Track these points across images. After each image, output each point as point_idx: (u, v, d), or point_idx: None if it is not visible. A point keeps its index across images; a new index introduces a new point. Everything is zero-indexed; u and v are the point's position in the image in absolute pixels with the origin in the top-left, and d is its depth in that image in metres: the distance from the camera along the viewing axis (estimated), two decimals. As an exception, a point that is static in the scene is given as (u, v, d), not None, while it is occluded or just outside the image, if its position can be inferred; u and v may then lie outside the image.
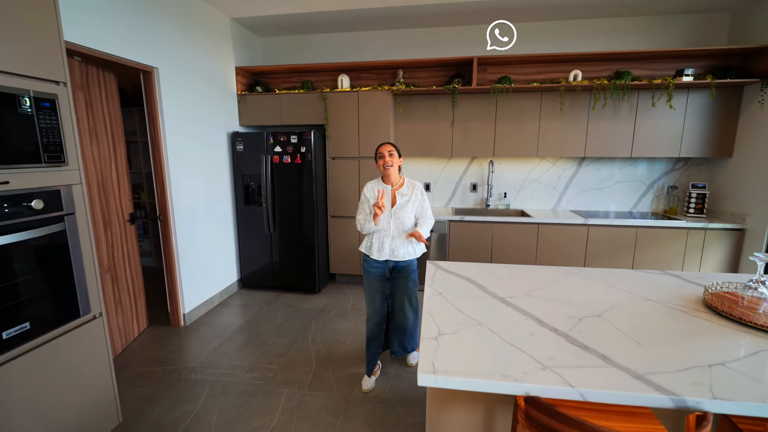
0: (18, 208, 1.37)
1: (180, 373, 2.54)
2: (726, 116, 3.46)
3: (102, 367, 1.76)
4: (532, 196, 4.14)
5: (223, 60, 3.64)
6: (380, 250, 2.19)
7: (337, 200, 3.93)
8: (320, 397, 2.28)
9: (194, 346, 2.87)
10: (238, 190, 3.82)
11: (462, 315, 1.49)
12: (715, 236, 3.38)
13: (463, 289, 1.77)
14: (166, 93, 2.90)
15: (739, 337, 1.33)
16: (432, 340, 1.29)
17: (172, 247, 3.05)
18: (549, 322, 1.44)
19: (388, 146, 2.19)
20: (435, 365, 1.14)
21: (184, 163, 3.13)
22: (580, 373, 1.11)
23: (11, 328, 1.36)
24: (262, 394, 2.31)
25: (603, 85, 3.39)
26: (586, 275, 1.97)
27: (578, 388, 1.04)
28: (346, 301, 3.70)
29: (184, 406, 2.21)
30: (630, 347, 1.26)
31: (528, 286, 1.80)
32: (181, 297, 3.16)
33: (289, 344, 2.89)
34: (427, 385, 1.09)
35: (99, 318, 1.73)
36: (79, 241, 1.59)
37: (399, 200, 2.19)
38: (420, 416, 2.11)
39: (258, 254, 3.91)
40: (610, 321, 1.45)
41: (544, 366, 1.14)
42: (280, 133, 3.61)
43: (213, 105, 3.50)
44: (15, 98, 1.33)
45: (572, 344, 1.28)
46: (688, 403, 1.00)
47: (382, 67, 3.87)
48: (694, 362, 1.17)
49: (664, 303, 1.62)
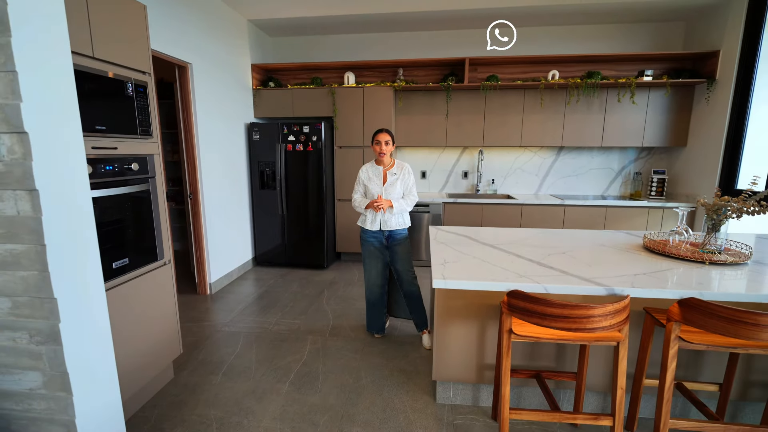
0: (122, 168, 1.78)
1: (215, 326, 2.94)
2: (680, 111, 4.02)
3: (170, 304, 2.17)
4: (517, 182, 4.65)
5: (241, 57, 4.04)
6: (373, 222, 2.55)
7: (343, 185, 4.37)
8: (340, 340, 2.73)
9: (223, 308, 3.28)
10: (254, 175, 4.23)
11: (461, 253, 1.96)
12: (671, 214, 3.94)
13: (461, 241, 2.23)
14: (198, 85, 3.30)
15: (660, 261, 1.83)
16: (440, 265, 1.75)
17: (201, 222, 3.45)
18: (526, 256, 1.91)
19: (384, 135, 2.52)
20: (444, 275, 1.60)
21: (210, 149, 3.53)
22: (545, 278, 1.59)
23: (118, 261, 1.77)
24: (290, 340, 2.74)
25: (576, 83, 3.91)
26: (556, 234, 2.46)
27: (543, 284, 1.51)
28: (352, 275, 4.14)
29: (226, 349, 2.62)
30: (583, 267, 1.74)
31: (512, 239, 2.28)
32: (207, 268, 3.56)
33: (307, 306, 3.32)
34: (439, 287, 1.55)
35: (169, 264, 2.14)
36: (158, 199, 2.00)
37: (389, 179, 2.57)
38: (425, 353, 2.57)
39: (271, 234, 4.32)
40: (572, 255, 1.94)
41: (520, 275, 1.61)
42: (293, 124, 4.03)
43: (234, 98, 3.90)
44: (123, 84, 1.74)
45: (542, 266, 1.75)
46: (615, 291, 1.48)
47: (384, 66, 4.33)
48: (624, 272, 1.66)
49: (613, 247, 2.12)
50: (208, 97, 3.47)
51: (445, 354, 1.98)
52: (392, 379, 2.27)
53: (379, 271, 2.65)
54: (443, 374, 2.01)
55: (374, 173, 2.60)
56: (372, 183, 2.58)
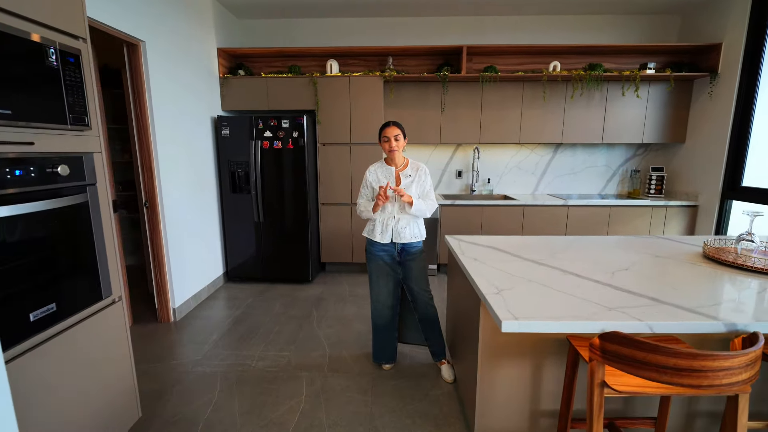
0: (42, 173, 1.22)
1: (185, 366, 2.38)
2: (679, 107, 3.89)
3: (122, 356, 1.61)
4: (514, 181, 4.37)
5: (205, 40, 3.44)
6: (383, 233, 2.13)
7: (327, 187, 3.88)
8: (343, 376, 2.26)
9: (193, 340, 2.70)
10: (224, 178, 3.63)
11: (508, 274, 1.57)
12: (673, 213, 3.79)
13: (493, 255, 1.84)
14: (154, 69, 2.69)
15: (740, 278, 1.53)
16: (495, 295, 1.35)
17: (161, 236, 2.84)
18: (587, 275, 1.55)
19: (394, 129, 2.07)
20: (513, 312, 1.20)
21: (170, 147, 2.93)
22: (640, 311, 1.22)
23: (39, 309, 1.21)
24: (281, 380, 2.23)
25: (580, 75, 3.66)
26: (593, 242, 2.14)
27: (647, 322, 1.15)
28: (342, 289, 3.66)
29: (200, 398, 2.08)
30: (668, 290, 1.40)
31: (549, 251, 1.92)
32: (170, 290, 2.95)
33: (295, 332, 2.82)
34: (512, 330, 1.14)
35: (119, 302, 1.58)
36: (101, 215, 1.45)
37: (403, 181, 2.15)
38: (446, 387, 2.16)
39: (246, 245, 3.75)
40: (638, 272, 1.60)
41: (608, 308, 1.24)
42: (270, 118, 3.49)
43: (197, 87, 3.30)
44: (42, 49, 1.18)
45: (618, 290, 1.39)
46: (738, 327, 1.14)
47: (372, 54, 3.87)
48: (717, 297, 1.34)
49: (671, 258, 1.81)
50: (167, 83, 2.86)
51: (491, 400, 1.58)
52: (417, 429, 1.84)
53: (390, 290, 2.21)
54: (488, 425, 1.61)
55: (384, 174, 2.16)
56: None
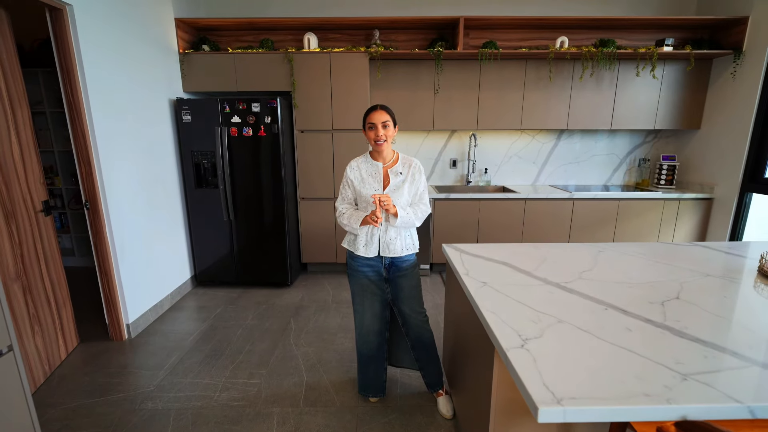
0: None
1: (131, 402, 1.98)
2: (696, 89, 3.52)
3: (19, 415, 1.21)
4: (513, 170, 3.99)
5: (158, 7, 2.91)
6: (368, 245, 1.72)
7: (307, 180, 3.44)
8: (321, 413, 1.90)
9: (146, 365, 2.30)
10: (187, 170, 3.17)
11: (530, 310, 1.20)
12: (686, 206, 3.48)
13: (506, 276, 1.47)
14: (86, 40, 2.19)
15: (832, 312, 1.19)
16: (520, 350, 0.98)
17: (105, 241, 2.40)
18: (634, 311, 1.19)
19: (382, 113, 1.64)
20: (553, 391, 0.82)
21: (115, 136, 2.45)
22: (726, 379, 0.87)
23: None
24: (246, 419, 1.86)
25: (591, 52, 3.25)
26: (621, 251, 1.78)
27: (748, 404, 0.79)
28: (324, 293, 3.28)
29: (144, 449, 1.70)
30: (744, 335, 1.05)
31: (573, 268, 1.56)
32: (122, 303, 2.53)
33: (268, 351, 2.43)
34: (554, 421, 0.77)
35: (8, 353, 1.17)
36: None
37: (393, 180, 1.73)
38: (444, 424, 1.82)
39: (215, 245, 3.32)
40: (695, 303, 1.25)
41: (683, 375, 0.88)
42: (238, 101, 3.01)
43: (149, 64, 2.79)
44: None
45: (683, 338, 1.04)
46: None
47: (356, 26, 3.39)
48: (824, 349, 0.99)
49: (724, 277, 1.47)
50: (107, 58, 2.36)
51: (506, 469, 1.23)
52: (410, 488, 1.50)
53: (376, 312, 1.82)
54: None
55: (369, 172, 1.74)
56: (366, 185, 1.72)
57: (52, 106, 3.47)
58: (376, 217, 1.56)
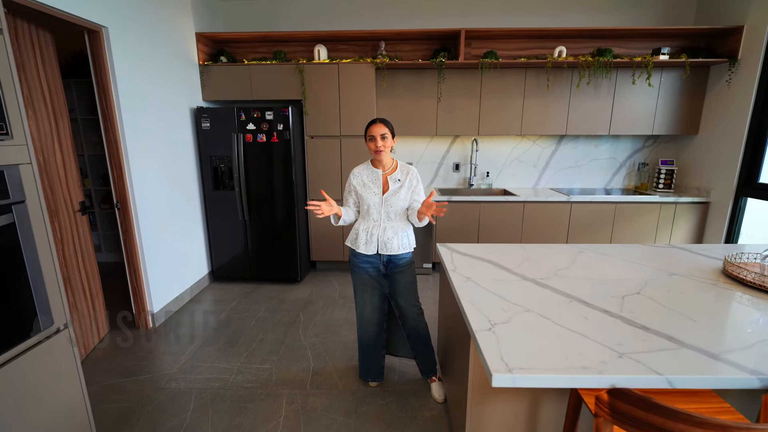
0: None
1: (157, 382, 2.22)
2: (694, 95, 3.62)
3: (72, 386, 1.45)
4: (514, 174, 4.14)
5: (181, 24, 3.16)
6: (368, 242, 1.91)
7: (317, 183, 3.66)
8: (325, 395, 2.11)
9: (169, 351, 2.55)
10: (205, 173, 3.42)
11: (504, 301, 1.37)
12: (683, 209, 3.58)
13: (489, 272, 1.65)
14: (119, 58, 2.45)
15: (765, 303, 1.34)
16: (487, 332, 1.16)
17: (134, 238, 2.65)
18: (595, 303, 1.36)
19: (381, 127, 1.84)
20: (507, 362, 1.01)
21: (143, 142, 2.71)
22: (656, 357, 1.04)
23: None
24: (259, 399, 2.08)
25: (588, 62, 3.39)
26: (601, 252, 1.94)
27: (666, 376, 0.96)
28: (332, 290, 3.49)
29: (169, 421, 1.93)
30: (687, 325, 1.21)
31: (552, 266, 1.73)
32: (148, 295, 2.79)
33: (279, 340, 2.66)
34: (504, 385, 0.96)
35: (64, 330, 1.40)
36: (34, 238, 1.25)
37: (391, 186, 1.93)
38: (436, 408, 2.01)
39: (231, 243, 3.57)
40: (652, 298, 1.41)
41: (619, 353, 1.05)
42: (253, 109, 3.25)
43: (173, 76, 3.05)
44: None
45: (631, 326, 1.20)
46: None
47: (362, 38, 3.59)
48: (747, 335, 1.15)
49: (688, 276, 1.62)
50: (136, 73, 2.62)
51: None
52: (402, 459, 1.70)
53: (375, 305, 2.03)
54: (479, 465, 1.45)
55: (370, 178, 1.95)
56: (368, 191, 1.93)
57: (83, 114, 3.77)
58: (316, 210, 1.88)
